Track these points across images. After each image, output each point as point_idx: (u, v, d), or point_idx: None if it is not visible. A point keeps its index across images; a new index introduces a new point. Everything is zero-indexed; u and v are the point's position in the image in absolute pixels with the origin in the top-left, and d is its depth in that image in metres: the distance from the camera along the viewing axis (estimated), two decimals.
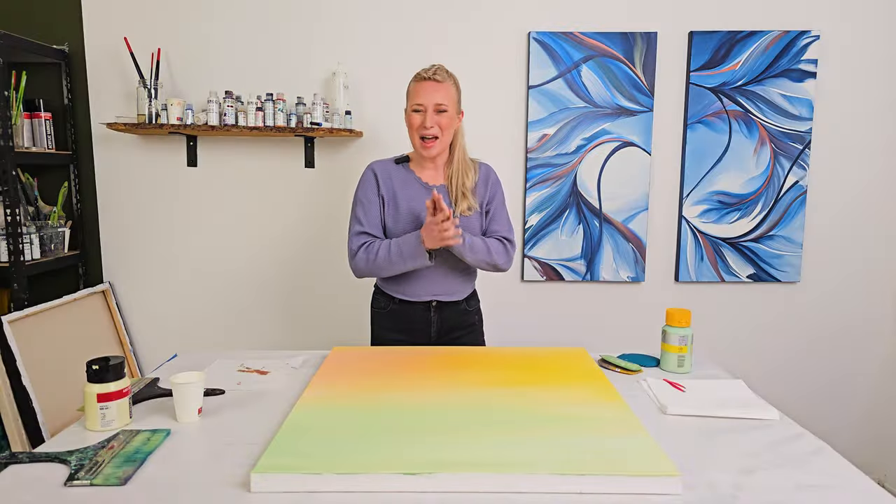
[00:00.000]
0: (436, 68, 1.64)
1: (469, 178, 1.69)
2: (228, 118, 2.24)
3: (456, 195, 1.68)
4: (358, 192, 1.72)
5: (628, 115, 2.36)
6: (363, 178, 1.73)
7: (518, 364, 1.46)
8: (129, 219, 2.44)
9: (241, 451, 1.05)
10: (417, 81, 1.64)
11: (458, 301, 1.76)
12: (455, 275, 1.74)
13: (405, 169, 1.73)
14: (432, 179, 1.72)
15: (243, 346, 2.50)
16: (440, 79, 1.61)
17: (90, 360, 1.14)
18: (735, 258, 2.44)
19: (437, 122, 1.61)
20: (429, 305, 1.73)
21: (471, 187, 1.70)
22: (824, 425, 2.54)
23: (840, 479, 0.97)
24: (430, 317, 1.74)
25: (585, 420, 1.13)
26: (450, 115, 1.63)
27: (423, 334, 1.74)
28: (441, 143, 1.64)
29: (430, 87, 1.61)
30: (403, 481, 0.92)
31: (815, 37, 2.32)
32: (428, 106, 1.60)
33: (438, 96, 1.60)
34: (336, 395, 1.26)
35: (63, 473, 0.98)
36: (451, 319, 1.75)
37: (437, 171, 1.72)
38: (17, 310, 2.05)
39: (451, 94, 1.63)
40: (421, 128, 1.62)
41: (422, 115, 1.62)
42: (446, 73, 1.65)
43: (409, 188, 1.70)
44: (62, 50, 2.32)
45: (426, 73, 1.62)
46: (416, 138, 1.65)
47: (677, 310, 1.48)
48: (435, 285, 1.71)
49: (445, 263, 1.70)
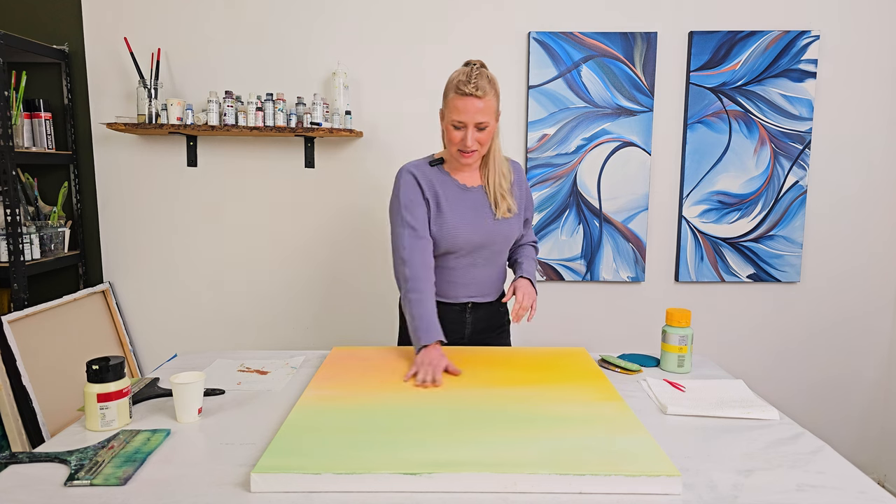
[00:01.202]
0: (476, 79, 1.49)
1: (506, 179, 1.64)
2: (228, 118, 2.24)
3: (495, 197, 1.63)
4: (402, 196, 1.61)
5: (628, 115, 2.36)
6: (402, 181, 1.62)
7: (518, 364, 1.46)
8: (129, 219, 2.44)
9: (241, 451, 1.06)
10: (459, 96, 1.50)
11: (492, 302, 1.74)
12: (492, 276, 1.72)
13: (441, 171, 1.65)
14: (468, 181, 1.66)
15: (243, 346, 2.50)
16: (481, 94, 1.49)
17: (90, 360, 1.14)
18: (735, 258, 2.44)
19: (477, 138, 1.53)
20: (464, 307, 1.71)
21: (508, 188, 1.64)
22: (824, 425, 2.54)
23: (840, 479, 0.97)
24: (465, 318, 1.71)
25: (585, 420, 1.13)
26: (490, 128, 1.54)
27: (457, 335, 1.71)
28: (479, 154, 1.58)
29: (472, 106, 1.49)
30: (403, 481, 0.92)
31: (815, 37, 2.32)
32: (469, 124, 1.51)
33: (479, 115, 1.50)
34: (336, 395, 1.26)
35: (63, 473, 0.98)
36: (484, 320, 1.74)
37: (472, 173, 1.67)
38: (17, 310, 2.05)
39: (491, 108, 1.53)
40: (461, 143, 1.53)
41: (462, 132, 1.52)
42: (487, 83, 1.51)
43: (447, 191, 1.63)
44: (62, 50, 2.32)
45: (467, 87, 1.49)
46: (453, 149, 1.57)
47: (677, 310, 1.48)
48: (472, 287, 1.69)
49: (485, 267, 1.68)
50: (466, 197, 1.63)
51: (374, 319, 2.50)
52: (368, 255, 2.46)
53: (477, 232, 1.61)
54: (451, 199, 1.62)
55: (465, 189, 1.64)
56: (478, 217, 1.62)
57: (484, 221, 1.62)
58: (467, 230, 1.60)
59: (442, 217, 1.61)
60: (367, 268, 2.47)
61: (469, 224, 1.61)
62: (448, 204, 1.61)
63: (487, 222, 1.62)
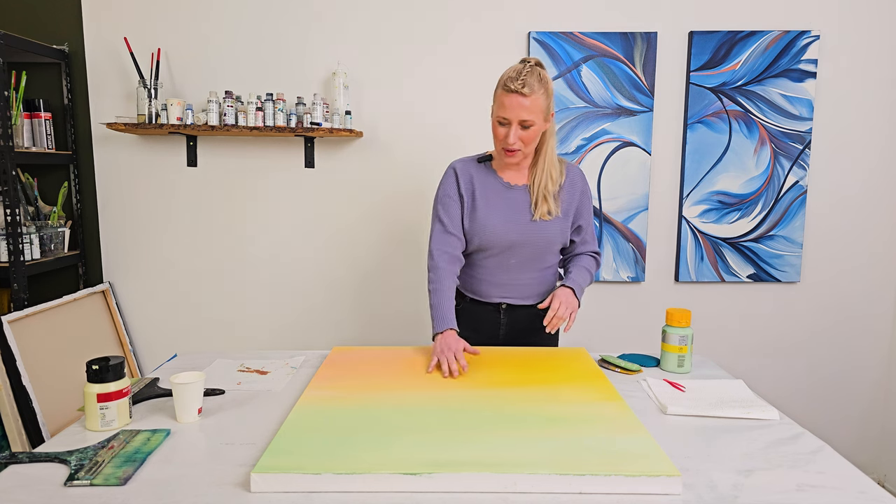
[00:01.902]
0: (524, 76, 1.47)
1: (553, 182, 1.61)
2: (228, 118, 2.24)
3: (537, 198, 1.61)
4: (439, 191, 1.67)
5: (628, 115, 2.37)
6: (445, 176, 1.67)
7: (518, 364, 1.47)
8: (129, 219, 2.44)
9: (241, 451, 1.06)
10: (506, 93, 1.49)
11: (531, 305, 1.70)
12: (530, 279, 1.68)
13: (487, 168, 1.66)
14: (515, 179, 1.65)
15: (243, 346, 2.50)
16: (528, 92, 1.47)
17: (90, 360, 1.14)
18: (735, 258, 2.44)
19: (520, 136, 1.52)
20: (498, 307, 1.70)
21: (554, 191, 1.61)
22: (824, 425, 2.54)
23: (840, 479, 0.97)
24: (500, 318, 1.70)
25: (585, 420, 1.13)
26: (536, 128, 1.52)
27: (490, 334, 1.71)
28: (523, 153, 1.57)
29: (517, 103, 1.48)
30: (403, 481, 0.92)
31: (815, 37, 2.32)
32: (513, 121, 1.50)
33: (524, 112, 1.48)
34: (336, 395, 1.26)
35: (63, 473, 0.98)
36: (522, 322, 1.71)
37: (520, 172, 1.65)
38: (17, 310, 2.05)
39: (538, 107, 1.50)
40: (504, 140, 1.53)
41: (506, 129, 1.52)
42: (537, 81, 1.49)
43: (489, 187, 1.63)
44: (62, 50, 2.32)
45: (514, 83, 1.47)
46: (498, 146, 1.57)
47: (677, 310, 1.48)
48: (506, 288, 1.67)
49: (521, 269, 1.66)
50: (507, 195, 1.63)
51: (375, 319, 2.50)
52: (369, 255, 2.46)
53: (509, 230, 1.60)
54: (490, 196, 1.62)
55: (508, 187, 1.64)
56: (513, 215, 1.61)
57: (519, 220, 1.61)
58: (499, 227, 1.60)
59: (476, 213, 1.62)
60: (367, 268, 2.47)
61: (502, 222, 1.60)
62: (485, 200, 1.62)
63: (523, 222, 1.61)
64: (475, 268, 1.68)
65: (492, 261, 1.65)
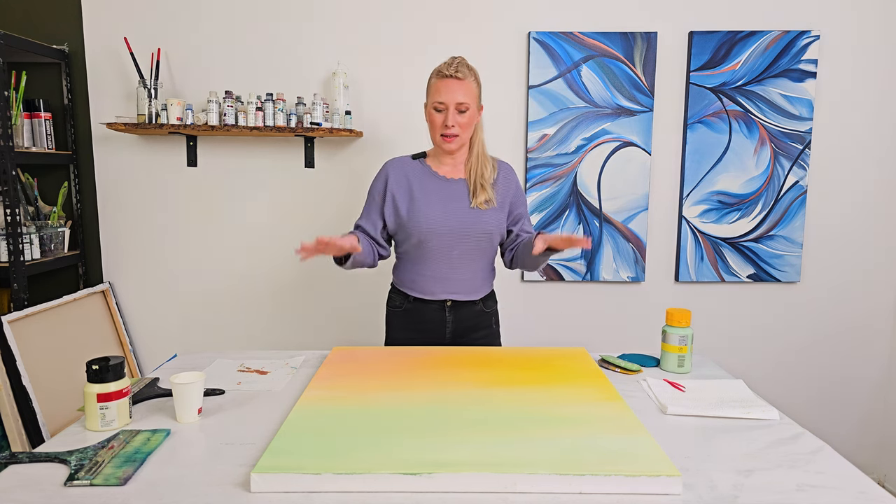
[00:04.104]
0: (457, 63, 1.60)
1: (487, 172, 1.69)
2: (228, 118, 2.24)
3: (475, 187, 1.67)
4: (370, 186, 1.76)
5: (628, 115, 2.36)
6: (377, 174, 1.75)
7: (518, 364, 1.46)
8: (129, 219, 2.44)
9: (241, 451, 1.05)
10: (440, 79, 1.61)
11: (475, 301, 1.74)
12: (472, 274, 1.71)
13: (422, 164, 1.73)
14: (451, 174, 1.71)
15: (243, 346, 2.50)
16: (462, 76, 1.59)
17: (90, 360, 1.14)
18: (735, 258, 2.44)
19: (458, 121, 1.60)
20: (443, 305, 1.71)
21: (489, 181, 1.69)
22: (824, 425, 2.54)
23: (840, 479, 0.97)
24: (445, 316, 1.72)
25: (585, 420, 1.13)
26: (471, 112, 1.62)
27: (438, 335, 1.72)
28: (461, 139, 1.64)
29: (453, 86, 1.59)
30: (403, 481, 0.92)
31: (815, 37, 2.32)
32: (450, 105, 1.59)
33: (460, 94, 1.58)
34: (336, 395, 1.26)
35: (63, 473, 0.98)
36: (467, 320, 1.73)
37: (455, 166, 1.71)
38: (17, 310, 2.05)
39: (472, 92, 1.61)
40: (442, 126, 1.61)
41: (443, 115, 1.61)
42: (467, 68, 1.62)
43: (426, 181, 1.69)
44: (62, 50, 2.32)
45: (448, 69, 1.59)
46: (436, 135, 1.65)
47: (677, 310, 1.48)
48: (451, 284, 1.69)
49: (463, 263, 1.68)
50: (444, 187, 1.68)
51: (375, 319, 2.50)
52: None
53: (449, 218, 1.64)
54: (428, 189, 1.68)
55: (444, 180, 1.69)
56: (452, 204, 1.66)
57: (458, 209, 1.65)
58: (439, 217, 1.64)
59: (414, 205, 1.67)
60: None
61: (442, 211, 1.64)
62: (423, 193, 1.68)
63: (462, 210, 1.65)
64: (417, 263, 1.70)
65: (433, 254, 1.67)
